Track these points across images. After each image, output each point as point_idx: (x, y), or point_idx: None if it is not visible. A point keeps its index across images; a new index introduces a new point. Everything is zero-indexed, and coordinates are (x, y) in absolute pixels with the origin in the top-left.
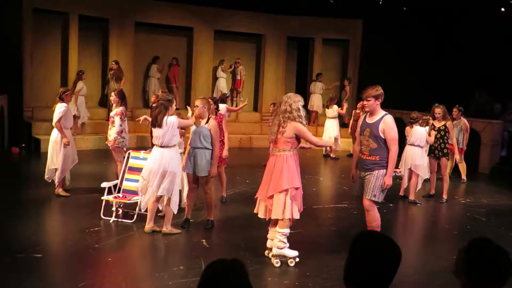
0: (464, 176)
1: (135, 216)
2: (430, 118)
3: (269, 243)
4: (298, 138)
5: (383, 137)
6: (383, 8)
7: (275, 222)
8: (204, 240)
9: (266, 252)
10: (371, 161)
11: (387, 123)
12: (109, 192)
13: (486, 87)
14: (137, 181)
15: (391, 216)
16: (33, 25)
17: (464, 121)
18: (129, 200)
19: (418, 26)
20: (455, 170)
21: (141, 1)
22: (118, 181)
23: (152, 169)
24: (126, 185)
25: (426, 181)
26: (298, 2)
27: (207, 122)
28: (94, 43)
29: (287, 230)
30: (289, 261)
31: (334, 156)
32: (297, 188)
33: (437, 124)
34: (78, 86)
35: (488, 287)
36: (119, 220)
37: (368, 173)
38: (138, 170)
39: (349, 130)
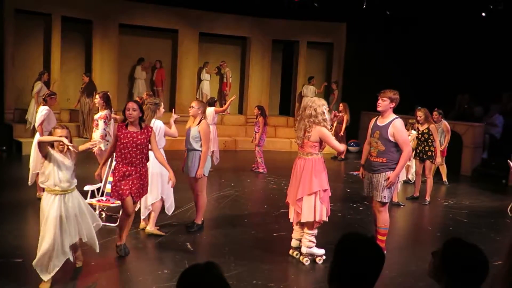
0: (445, 178)
1: (119, 220)
2: (416, 122)
3: (293, 243)
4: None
5: (392, 140)
6: (366, 11)
7: (302, 222)
8: (188, 243)
9: (291, 251)
10: (378, 163)
11: (396, 127)
12: (92, 196)
13: (468, 91)
14: None
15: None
16: (15, 26)
17: (445, 123)
18: (113, 203)
19: (401, 29)
20: (437, 172)
21: (125, 3)
22: (101, 184)
23: None
24: (109, 188)
25: (407, 182)
26: (283, 5)
27: (198, 123)
28: (77, 44)
29: (315, 231)
30: (317, 259)
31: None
32: (325, 190)
33: (421, 128)
34: (35, 88)
35: (470, 286)
36: (103, 223)
37: (376, 174)
38: None
39: (333, 132)
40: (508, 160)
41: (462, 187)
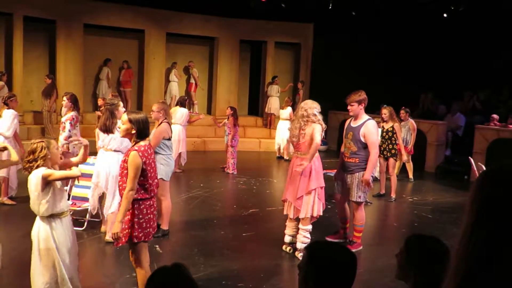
0: (411, 175)
1: (86, 224)
2: (381, 120)
3: (287, 238)
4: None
5: (363, 141)
6: (333, 12)
7: (295, 218)
8: (157, 246)
9: (284, 247)
10: (351, 163)
11: (368, 128)
12: None
13: (431, 90)
14: (87, 187)
15: None
16: None
17: (411, 121)
18: (79, 207)
19: (366, 30)
20: (403, 169)
21: (89, 3)
22: (67, 188)
23: (99, 172)
24: (75, 191)
25: (376, 180)
26: (250, 6)
27: (159, 125)
28: (40, 45)
29: (310, 226)
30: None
31: (287, 158)
32: (322, 187)
33: (385, 126)
34: None
35: (436, 280)
36: None
37: (349, 174)
38: (88, 176)
39: None
40: (469, 157)
41: (427, 184)
